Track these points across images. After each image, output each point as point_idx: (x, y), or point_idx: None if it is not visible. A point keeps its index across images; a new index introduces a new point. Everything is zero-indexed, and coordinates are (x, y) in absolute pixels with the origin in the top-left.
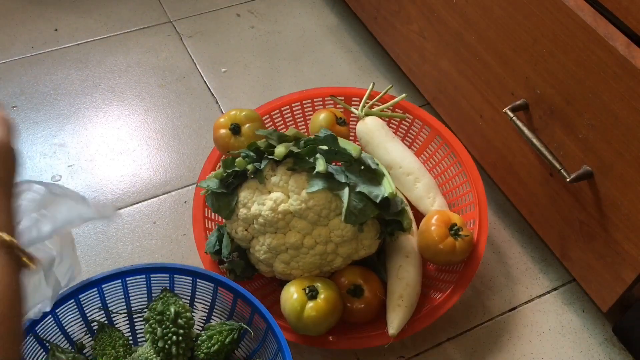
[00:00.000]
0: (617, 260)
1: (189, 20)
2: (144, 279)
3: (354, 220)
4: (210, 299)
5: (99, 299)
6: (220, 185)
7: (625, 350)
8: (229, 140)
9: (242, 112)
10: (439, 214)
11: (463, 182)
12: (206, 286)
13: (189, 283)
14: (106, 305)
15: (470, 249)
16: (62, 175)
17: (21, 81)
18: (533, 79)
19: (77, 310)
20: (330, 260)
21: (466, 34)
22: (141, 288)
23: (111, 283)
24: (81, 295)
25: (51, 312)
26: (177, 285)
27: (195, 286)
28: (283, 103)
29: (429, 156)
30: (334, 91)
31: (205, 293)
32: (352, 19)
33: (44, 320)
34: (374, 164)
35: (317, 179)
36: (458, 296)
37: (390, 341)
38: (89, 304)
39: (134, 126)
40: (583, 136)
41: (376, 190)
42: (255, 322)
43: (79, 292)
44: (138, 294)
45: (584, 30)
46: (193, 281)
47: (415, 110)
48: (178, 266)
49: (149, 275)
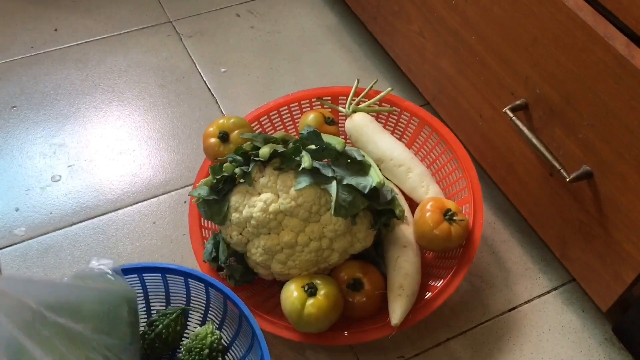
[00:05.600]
0: (617, 260)
1: (188, 20)
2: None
3: (344, 213)
4: (186, 294)
5: None
6: (210, 192)
7: (625, 350)
8: (218, 149)
9: (230, 119)
10: (433, 200)
11: (455, 168)
12: (178, 280)
13: (161, 280)
14: None
15: (466, 234)
16: (61, 175)
17: (21, 81)
18: (533, 79)
19: None
20: (327, 256)
21: (466, 34)
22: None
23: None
24: None
25: None
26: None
27: (187, 285)
28: (270, 108)
29: (420, 146)
30: (320, 92)
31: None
32: (352, 18)
33: None
34: (359, 155)
35: (304, 176)
36: (458, 282)
37: (393, 332)
38: None
39: (133, 126)
40: (583, 136)
41: (364, 181)
42: (230, 308)
43: None
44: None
45: (584, 30)
46: (162, 277)
47: (402, 102)
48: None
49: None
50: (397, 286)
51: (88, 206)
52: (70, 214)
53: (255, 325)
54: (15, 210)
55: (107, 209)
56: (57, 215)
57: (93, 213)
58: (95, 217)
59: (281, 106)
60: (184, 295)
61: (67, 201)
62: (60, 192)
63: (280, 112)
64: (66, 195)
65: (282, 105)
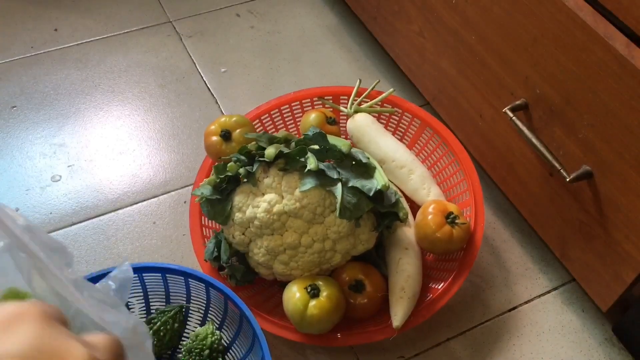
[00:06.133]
0: (617, 260)
1: (188, 20)
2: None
3: (349, 215)
4: (186, 292)
5: None
6: (213, 191)
7: (625, 350)
8: (220, 147)
9: (231, 118)
10: (435, 203)
11: (456, 170)
12: (177, 279)
13: (162, 279)
14: None
15: (467, 237)
16: (61, 175)
17: (21, 81)
18: (533, 79)
19: None
20: (329, 257)
21: (466, 34)
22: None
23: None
24: None
25: None
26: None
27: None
28: (272, 107)
29: (421, 147)
30: (322, 91)
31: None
32: (352, 18)
33: None
34: (364, 158)
35: (309, 177)
36: (459, 284)
37: (395, 334)
38: None
39: (133, 126)
40: (583, 136)
41: (369, 184)
42: (231, 309)
43: None
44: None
45: (584, 30)
46: (162, 277)
47: (404, 103)
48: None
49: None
50: (399, 288)
51: (88, 206)
52: (70, 214)
53: (256, 325)
54: (16, 210)
55: (107, 209)
56: (57, 215)
57: (93, 213)
58: (95, 217)
59: (283, 105)
60: (184, 295)
61: (67, 201)
62: (60, 192)
63: (282, 110)
64: (66, 195)
65: (283, 103)
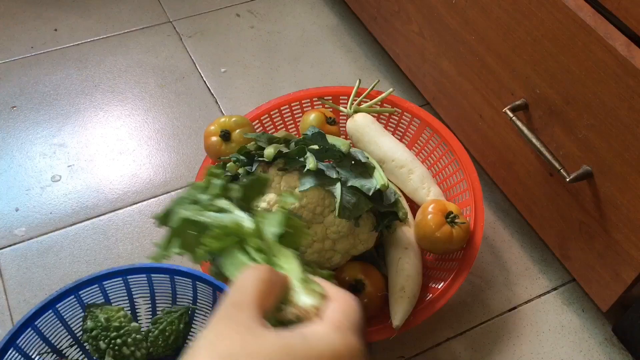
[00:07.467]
0: (617, 260)
1: (188, 20)
2: (120, 281)
3: (349, 214)
4: (171, 290)
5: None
6: None
7: (625, 350)
8: (220, 147)
9: (231, 118)
10: (434, 203)
11: (456, 170)
12: (184, 282)
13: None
14: (108, 299)
15: (467, 237)
16: (61, 175)
17: (21, 81)
18: (533, 79)
19: (78, 305)
20: (329, 257)
21: (466, 34)
22: (120, 290)
23: (112, 280)
24: (81, 291)
25: (51, 308)
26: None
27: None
28: (272, 107)
29: (421, 147)
30: (322, 92)
31: (163, 286)
32: (352, 19)
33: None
34: (364, 157)
35: (309, 177)
36: (459, 284)
37: (394, 334)
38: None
39: (133, 126)
40: (583, 136)
41: (368, 184)
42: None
43: (79, 288)
44: (135, 292)
45: (584, 30)
46: (148, 277)
47: (403, 103)
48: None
49: (149, 276)
50: (399, 288)
51: (88, 206)
52: (70, 214)
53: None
54: (16, 210)
55: (107, 209)
56: (57, 215)
57: (93, 213)
58: (95, 217)
59: (282, 105)
60: (190, 297)
61: (67, 201)
62: (60, 192)
63: (282, 111)
64: (66, 195)
65: (283, 104)
